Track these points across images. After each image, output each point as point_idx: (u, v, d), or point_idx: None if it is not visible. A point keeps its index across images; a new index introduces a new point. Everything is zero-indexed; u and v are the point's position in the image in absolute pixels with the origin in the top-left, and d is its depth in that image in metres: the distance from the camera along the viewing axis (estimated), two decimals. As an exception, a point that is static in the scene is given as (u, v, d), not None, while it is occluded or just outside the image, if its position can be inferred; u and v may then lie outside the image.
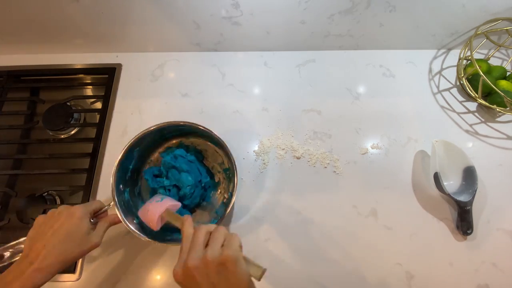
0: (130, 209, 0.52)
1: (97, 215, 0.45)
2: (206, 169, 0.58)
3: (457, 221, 0.57)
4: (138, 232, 0.47)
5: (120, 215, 0.47)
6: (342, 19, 0.66)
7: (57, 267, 0.38)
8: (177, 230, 0.40)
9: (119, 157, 0.51)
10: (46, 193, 0.61)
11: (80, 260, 0.54)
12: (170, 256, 0.55)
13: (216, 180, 0.59)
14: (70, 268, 0.53)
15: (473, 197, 0.56)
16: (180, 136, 0.60)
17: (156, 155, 0.60)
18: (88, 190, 0.59)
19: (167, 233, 0.52)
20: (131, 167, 0.55)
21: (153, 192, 0.56)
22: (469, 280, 0.54)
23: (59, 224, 0.40)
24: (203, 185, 0.55)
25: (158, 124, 0.53)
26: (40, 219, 0.42)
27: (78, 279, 0.53)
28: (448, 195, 0.56)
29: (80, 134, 0.69)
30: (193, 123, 0.54)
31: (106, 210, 0.46)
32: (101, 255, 0.55)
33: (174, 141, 0.60)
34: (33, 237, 0.40)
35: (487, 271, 0.54)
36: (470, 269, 0.54)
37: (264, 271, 0.34)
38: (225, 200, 0.57)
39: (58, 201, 0.62)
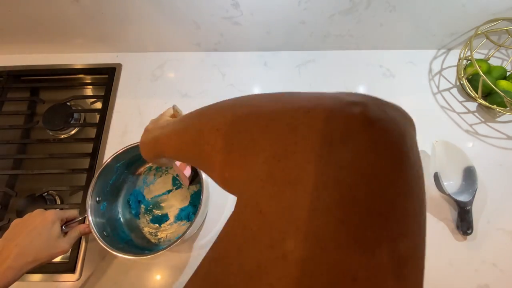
0: (104, 222, 0.52)
1: (69, 224, 0.47)
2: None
3: (457, 221, 0.56)
4: (108, 246, 0.47)
5: (92, 226, 0.48)
6: (342, 19, 0.66)
7: (27, 267, 0.40)
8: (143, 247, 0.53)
9: (100, 169, 0.52)
10: (46, 193, 0.61)
11: (80, 260, 0.54)
12: (171, 256, 0.55)
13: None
14: (70, 268, 0.53)
15: (473, 197, 0.56)
16: None
17: (141, 169, 0.60)
18: (88, 190, 0.59)
19: (138, 249, 0.53)
20: (111, 182, 0.55)
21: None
22: (469, 280, 0.53)
23: (32, 226, 0.42)
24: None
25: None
26: (16, 221, 0.44)
27: (78, 279, 0.53)
28: (448, 195, 0.56)
29: (80, 134, 0.69)
30: None
31: (78, 221, 0.48)
32: (101, 255, 0.55)
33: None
34: (6, 237, 0.42)
35: (487, 271, 0.54)
36: (470, 269, 0.54)
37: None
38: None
39: (58, 201, 0.61)
